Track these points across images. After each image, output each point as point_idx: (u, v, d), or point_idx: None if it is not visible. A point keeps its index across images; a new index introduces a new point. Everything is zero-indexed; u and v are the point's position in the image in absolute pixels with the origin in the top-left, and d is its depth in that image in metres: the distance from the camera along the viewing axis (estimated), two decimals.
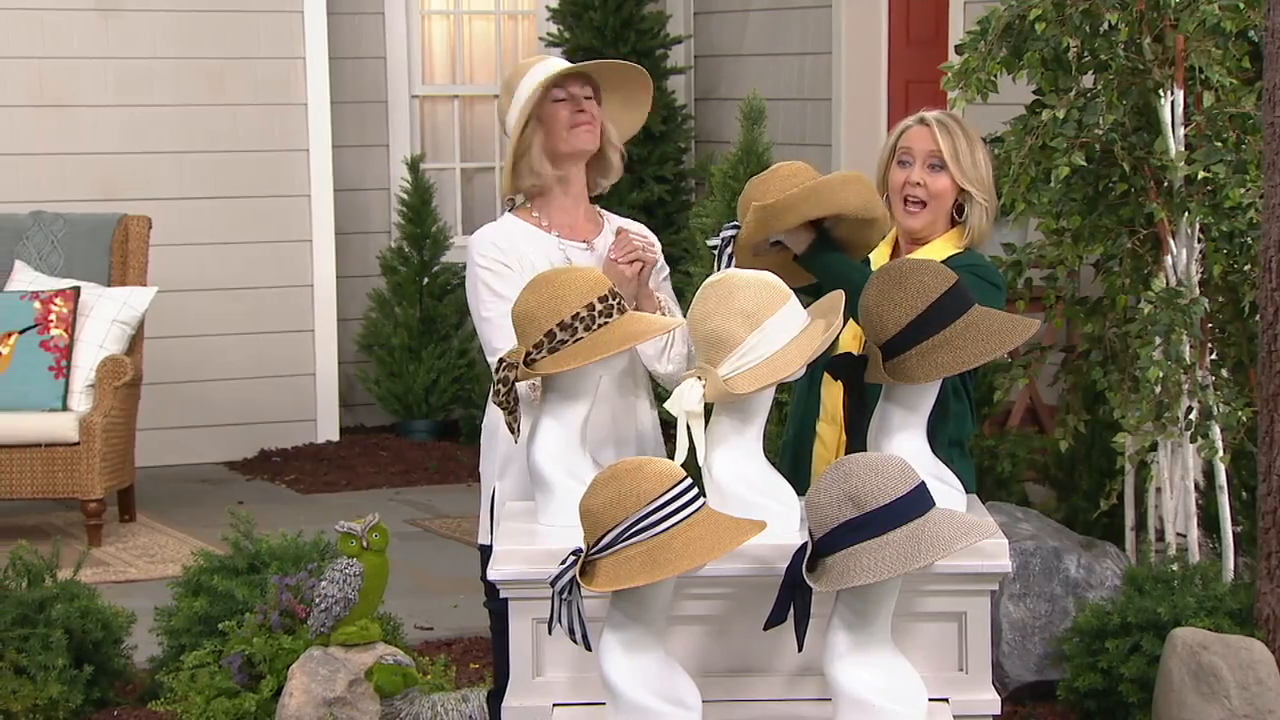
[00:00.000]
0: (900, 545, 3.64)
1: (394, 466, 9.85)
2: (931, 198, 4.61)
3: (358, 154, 10.68)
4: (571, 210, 4.71)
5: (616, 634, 3.75)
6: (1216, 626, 5.44)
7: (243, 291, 10.07)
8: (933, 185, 4.61)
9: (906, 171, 4.62)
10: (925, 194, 4.60)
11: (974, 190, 4.61)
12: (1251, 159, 5.81)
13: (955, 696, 3.97)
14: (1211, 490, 6.14)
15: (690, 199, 10.65)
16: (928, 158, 4.61)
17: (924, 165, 4.61)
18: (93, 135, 9.73)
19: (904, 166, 4.63)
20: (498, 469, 4.71)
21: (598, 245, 4.68)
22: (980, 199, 4.62)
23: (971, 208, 4.63)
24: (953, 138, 4.61)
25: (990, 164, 4.67)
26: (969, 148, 4.62)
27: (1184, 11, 5.83)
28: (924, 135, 4.63)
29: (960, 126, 4.65)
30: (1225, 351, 6.22)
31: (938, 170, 4.61)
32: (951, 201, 4.63)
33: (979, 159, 4.63)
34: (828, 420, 4.62)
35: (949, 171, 4.60)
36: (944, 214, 4.63)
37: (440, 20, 11.12)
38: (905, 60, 10.09)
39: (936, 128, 4.62)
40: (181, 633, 5.91)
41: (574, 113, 4.65)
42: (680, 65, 10.98)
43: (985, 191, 4.64)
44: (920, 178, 4.60)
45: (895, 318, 4.06)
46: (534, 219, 4.70)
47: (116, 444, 8.26)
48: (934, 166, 4.61)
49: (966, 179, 4.60)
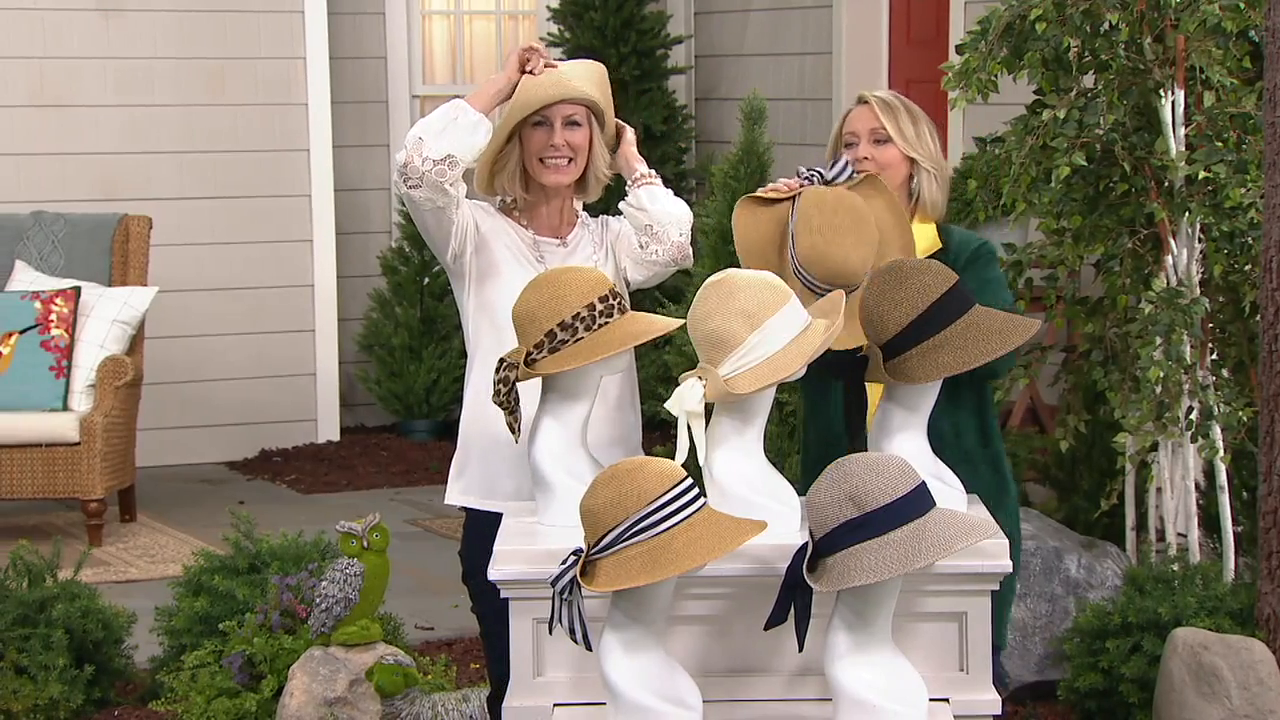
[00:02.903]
0: (901, 545, 3.64)
1: (394, 466, 9.85)
2: (880, 169, 4.64)
3: (358, 154, 10.68)
4: (553, 215, 4.70)
5: (617, 634, 3.75)
6: (1217, 626, 5.44)
7: (243, 291, 10.08)
8: (880, 157, 4.67)
9: (853, 151, 4.67)
10: (874, 165, 4.64)
11: (920, 158, 4.66)
12: (1252, 159, 5.81)
13: (955, 696, 3.97)
14: (1212, 490, 6.14)
15: (691, 199, 10.66)
16: (871, 135, 4.68)
17: (869, 142, 4.67)
18: (93, 135, 9.73)
19: (851, 148, 4.68)
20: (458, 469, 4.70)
21: (571, 241, 4.68)
22: (928, 167, 4.67)
23: (920, 176, 4.67)
24: (894, 112, 4.69)
25: (936, 139, 4.73)
26: (910, 120, 4.70)
27: (1185, 11, 5.84)
28: (865, 114, 4.71)
29: (901, 103, 4.74)
30: (1226, 351, 6.22)
31: (883, 144, 4.66)
32: (904, 173, 4.69)
33: (923, 131, 4.71)
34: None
35: (894, 144, 4.64)
36: (898, 187, 4.66)
37: (441, 20, 11.12)
38: (905, 60, 10.09)
39: (876, 105, 4.71)
40: (182, 633, 5.91)
41: (546, 144, 4.59)
42: (681, 65, 10.99)
43: (932, 161, 4.69)
44: (867, 152, 4.66)
45: (896, 318, 4.07)
46: (514, 216, 4.70)
47: (117, 444, 8.26)
48: (878, 141, 4.66)
49: (911, 148, 4.66)
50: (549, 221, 4.68)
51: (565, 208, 4.69)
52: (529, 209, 4.68)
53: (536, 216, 4.68)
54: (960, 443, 4.54)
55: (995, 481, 4.59)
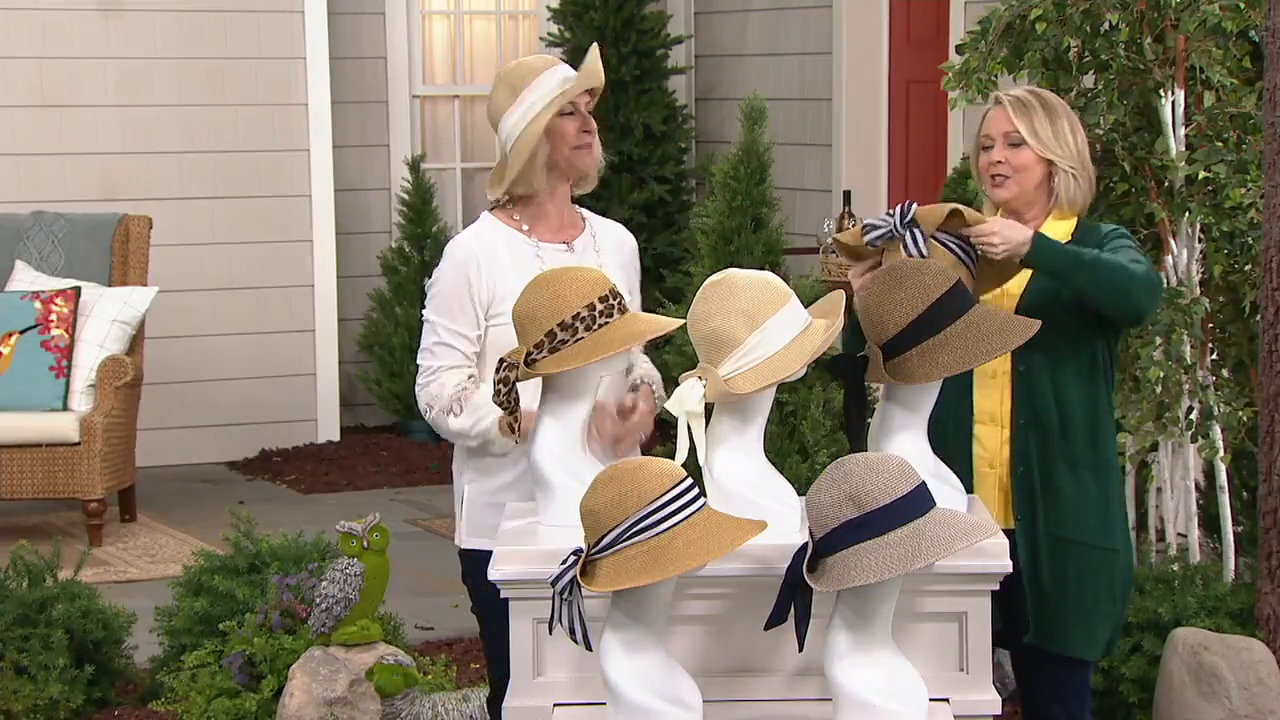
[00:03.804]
0: (901, 545, 3.64)
1: (394, 466, 9.86)
2: (1015, 171, 4.60)
3: (358, 154, 10.68)
4: (554, 215, 4.67)
5: (617, 634, 3.75)
6: (1217, 627, 5.44)
7: (243, 291, 10.08)
8: (1014, 160, 4.60)
9: (989, 154, 4.63)
10: (1008, 169, 4.60)
11: (1058, 159, 4.60)
12: (1252, 159, 5.82)
13: (955, 696, 3.97)
14: (1212, 490, 6.14)
15: (691, 199, 10.65)
16: (1005, 139, 4.62)
17: (1004, 145, 4.62)
18: (93, 135, 9.73)
19: (987, 150, 4.64)
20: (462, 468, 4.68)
21: (577, 247, 4.65)
22: (1066, 166, 4.60)
23: (1059, 176, 4.61)
24: (1028, 112, 4.61)
25: (1078, 131, 4.65)
26: (1047, 119, 4.62)
27: (1185, 11, 5.84)
28: (999, 116, 4.64)
29: (1038, 100, 4.64)
30: (1226, 351, 6.22)
31: (1018, 147, 4.61)
32: (1040, 174, 4.61)
33: (1061, 128, 4.62)
34: (984, 421, 4.61)
35: (1029, 146, 4.60)
36: (1034, 187, 4.62)
37: (441, 20, 11.12)
38: (905, 60, 10.09)
39: (1010, 105, 4.62)
40: (182, 633, 5.92)
41: (580, 131, 4.59)
42: (681, 65, 10.99)
43: (1072, 159, 4.61)
44: (1001, 155, 4.61)
45: (896, 318, 4.07)
46: (514, 221, 4.63)
47: (117, 444, 8.27)
48: (1013, 145, 4.61)
49: (1047, 150, 4.59)
50: (550, 223, 4.65)
51: (566, 203, 4.68)
52: (531, 204, 4.63)
53: (538, 215, 4.64)
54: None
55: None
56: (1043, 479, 4.53)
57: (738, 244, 6.32)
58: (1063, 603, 4.50)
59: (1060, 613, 4.52)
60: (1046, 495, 4.52)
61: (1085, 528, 4.53)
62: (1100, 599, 4.54)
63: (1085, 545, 4.53)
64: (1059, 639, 4.54)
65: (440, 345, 4.55)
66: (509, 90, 4.60)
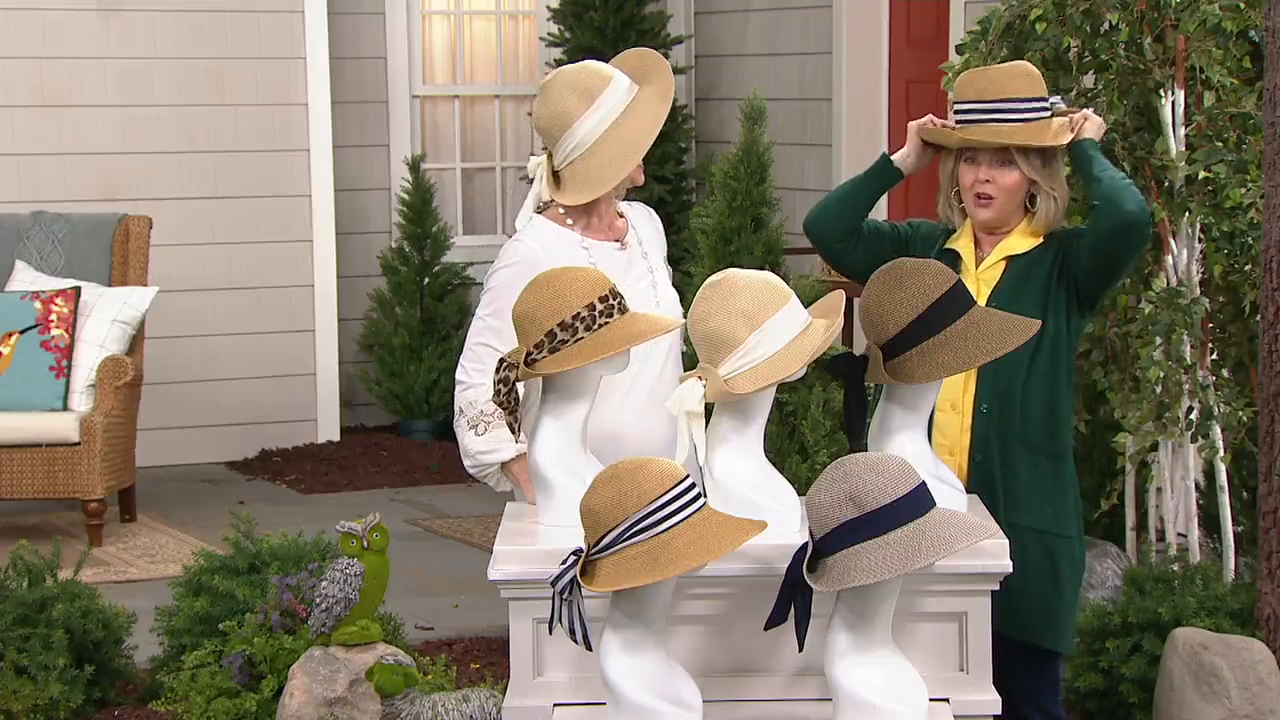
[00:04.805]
0: (901, 545, 3.64)
1: (394, 466, 9.86)
2: (1001, 193, 4.57)
3: (358, 154, 10.68)
4: (606, 215, 4.69)
5: (617, 634, 3.75)
6: (1217, 626, 5.44)
7: (243, 291, 10.08)
8: (1001, 180, 4.57)
9: (975, 169, 4.59)
10: (994, 189, 4.57)
11: (1042, 180, 4.58)
12: (1252, 159, 5.82)
13: (955, 696, 3.97)
14: (1212, 490, 6.14)
15: (691, 199, 10.66)
16: (995, 154, 4.57)
17: (992, 163, 4.57)
18: (93, 135, 9.73)
19: (972, 164, 4.60)
20: None
21: (629, 243, 4.68)
22: (1048, 188, 4.59)
23: (1042, 197, 4.59)
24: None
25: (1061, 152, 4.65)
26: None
27: (1185, 11, 5.84)
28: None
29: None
30: (1226, 351, 6.22)
31: (1007, 166, 4.57)
32: (1024, 193, 4.60)
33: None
34: (945, 409, 4.59)
35: (1019, 166, 4.57)
36: (1016, 206, 4.60)
37: (441, 20, 11.12)
38: (905, 60, 10.09)
39: None
40: (182, 633, 5.92)
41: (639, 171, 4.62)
42: (681, 65, 10.99)
43: (1059, 183, 4.60)
44: (988, 175, 4.57)
45: (896, 318, 4.07)
46: (567, 224, 4.65)
47: (117, 444, 8.27)
48: (1003, 163, 4.58)
49: (1036, 172, 4.57)
50: (603, 222, 4.67)
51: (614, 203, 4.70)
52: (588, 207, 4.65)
53: (593, 217, 4.65)
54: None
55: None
56: (1002, 466, 4.52)
57: (738, 244, 6.33)
58: (1022, 592, 4.43)
59: (1024, 602, 4.47)
60: (1005, 482, 4.52)
61: (1043, 515, 4.52)
62: (1063, 586, 4.53)
63: (1042, 532, 4.52)
64: (1024, 629, 4.51)
65: (486, 348, 4.56)
66: (582, 96, 4.55)
